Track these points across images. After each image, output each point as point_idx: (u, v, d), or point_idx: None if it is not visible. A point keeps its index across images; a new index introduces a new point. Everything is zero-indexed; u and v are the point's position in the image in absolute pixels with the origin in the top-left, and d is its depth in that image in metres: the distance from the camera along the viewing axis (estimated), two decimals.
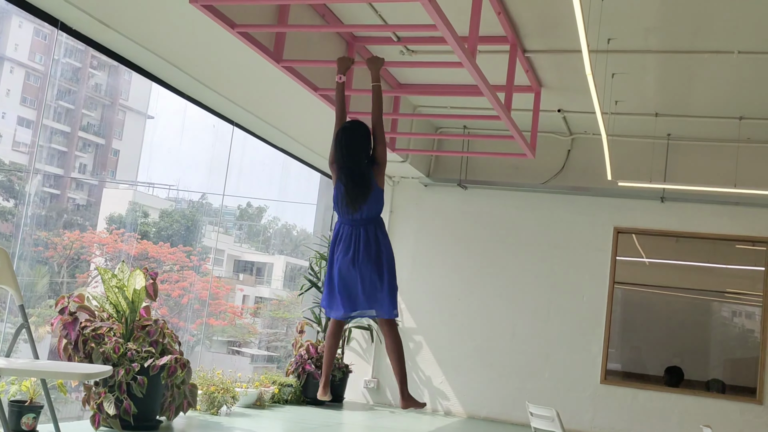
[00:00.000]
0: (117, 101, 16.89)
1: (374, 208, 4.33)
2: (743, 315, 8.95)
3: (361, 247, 4.28)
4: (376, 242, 4.32)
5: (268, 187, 16.34)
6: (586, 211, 9.05)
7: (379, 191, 4.34)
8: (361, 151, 4.37)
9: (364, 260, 4.26)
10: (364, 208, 4.29)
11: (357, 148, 4.37)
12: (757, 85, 6.85)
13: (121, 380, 5.42)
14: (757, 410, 8.25)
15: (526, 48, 6.54)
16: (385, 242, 4.38)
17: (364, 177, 4.31)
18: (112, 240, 13.79)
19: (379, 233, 4.35)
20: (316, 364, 8.52)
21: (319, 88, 6.25)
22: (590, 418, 8.68)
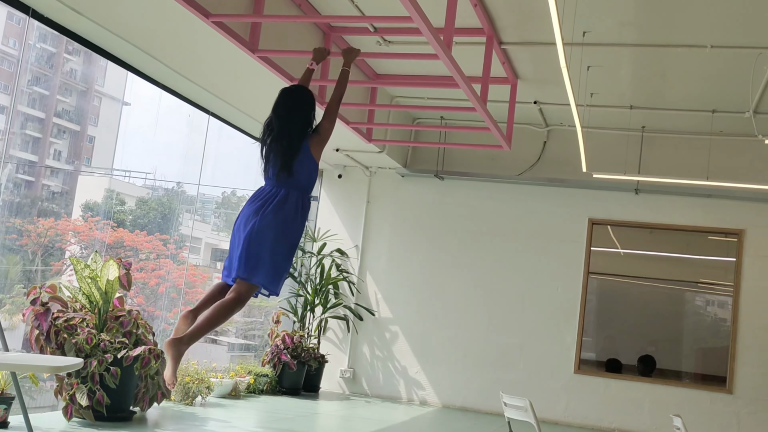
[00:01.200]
0: (92, 87, 16.71)
1: (301, 174, 3.95)
2: (715, 305, 9.08)
3: (274, 201, 3.86)
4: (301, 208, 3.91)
5: (245, 176, 16.27)
6: (562, 203, 9.12)
7: (311, 161, 4.00)
8: (295, 111, 4.08)
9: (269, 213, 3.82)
10: (287, 172, 3.92)
11: (291, 108, 4.08)
12: (729, 78, 6.92)
13: (93, 371, 5.39)
14: (726, 399, 8.39)
15: (503, 40, 6.56)
16: (303, 215, 3.93)
17: (292, 139, 4.00)
18: (87, 228, 13.68)
19: (305, 203, 3.94)
20: (291, 354, 8.53)
21: (295, 78, 6.22)
22: (563, 407, 8.77)
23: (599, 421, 8.67)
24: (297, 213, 3.91)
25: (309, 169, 3.99)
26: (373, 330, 9.47)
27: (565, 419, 8.74)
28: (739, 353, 8.45)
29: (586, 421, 8.70)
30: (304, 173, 3.97)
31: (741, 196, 8.47)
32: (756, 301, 8.49)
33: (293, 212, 3.89)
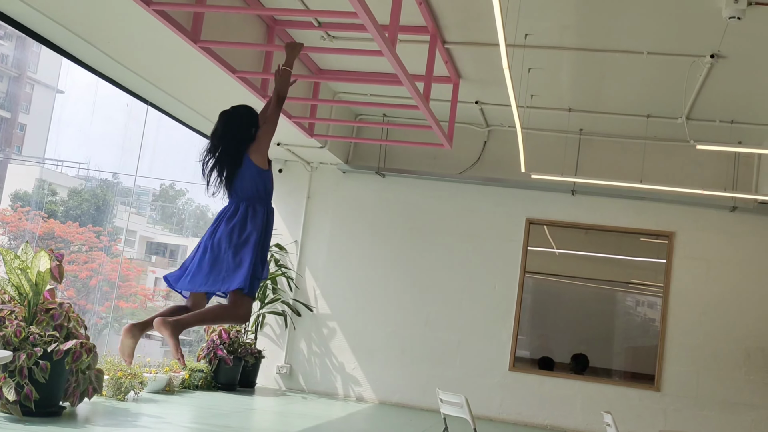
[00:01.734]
0: (24, 74, 16.21)
1: (243, 185, 4.03)
2: (645, 305, 9.33)
3: (225, 217, 4.00)
4: (252, 218, 4.00)
5: (183, 168, 16.03)
6: (500, 202, 9.24)
7: (253, 169, 4.03)
8: (229, 128, 4.12)
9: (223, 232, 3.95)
10: (229, 187, 4.02)
11: (226, 124, 4.14)
12: (663, 84, 7.11)
13: (22, 365, 5.23)
14: (654, 397, 8.64)
15: (446, 39, 6.61)
16: (253, 221, 4.01)
17: (227, 154, 4.06)
18: (16, 218, 13.26)
19: (258, 210, 4.04)
20: (228, 349, 8.43)
21: (237, 71, 6.15)
22: (498, 404, 8.90)
23: (533, 418, 8.82)
24: (246, 221, 3.98)
25: (251, 178, 4.02)
26: (311, 326, 9.44)
27: (500, 416, 8.87)
28: (667, 352, 8.71)
29: (521, 418, 8.84)
30: (246, 183, 4.02)
31: (672, 200, 8.73)
32: (684, 301, 8.76)
33: (241, 221, 3.97)
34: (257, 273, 3.95)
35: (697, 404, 8.54)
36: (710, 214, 8.80)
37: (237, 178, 4.02)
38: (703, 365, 8.60)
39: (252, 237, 3.95)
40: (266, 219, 4.06)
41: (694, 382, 8.59)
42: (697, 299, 8.73)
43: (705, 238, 8.81)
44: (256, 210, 4.02)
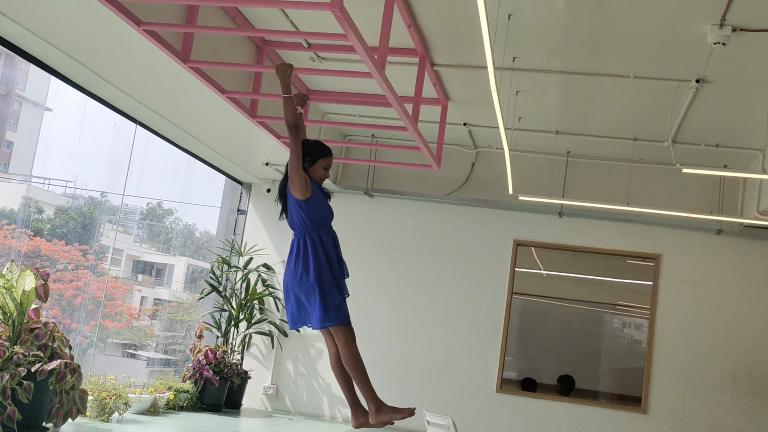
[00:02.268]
0: (12, 91, 16.14)
1: (292, 218, 4.50)
2: (632, 326, 9.35)
3: (292, 256, 4.45)
4: (304, 251, 4.44)
5: (172, 187, 15.98)
6: (488, 223, 9.27)
7: (292, 201, 4.48)
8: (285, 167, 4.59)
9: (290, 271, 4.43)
10: (288, 220, 4.55)
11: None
12: (650, 108, 7.18)
13: (5, 385, 5.17)
14: (641, 419, 8.63)
15: (435, 61, 6.65)
16: (308, 255, 4.43)
17: (280, 192, 4.65)
18: (2, 236, 13.16)
19: (308, 241, 4.45)
20: (214, 370, 8.37)
21: (226, 91, 6.17)
22: (485, 426, 8.87)
23: None
24: (302, 256, 4.41)
25: (295, 210, 4.48)
26: (297, 346, 9.39)
27: None
28: (653, 374, 8.72)
29: None
30: (294, 215, 4.49)
31: (659, 222, 8.78)
32: (671, 323, 8.78)
33: (300, 258, 4.42)
34: (333, 301, 4.38)
35: (683, 427, 8.54)
36: (696, 237, 8.85)
37: (288, 212, 4.53)
38: (690, 387, 8.61)
39: (312, 275, 4.36)
40: (320, 245, 4.46)
41: (681, 404, 8.59)
42: (683, 321, 8.76)
43: (691, 260, 8.85)
44: (307, 241, 4.43)
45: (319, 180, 4.56)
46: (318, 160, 4.53)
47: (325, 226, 4.55)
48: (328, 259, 4.44)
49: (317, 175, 4.54)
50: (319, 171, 4.54)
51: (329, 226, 4.58)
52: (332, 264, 4.46)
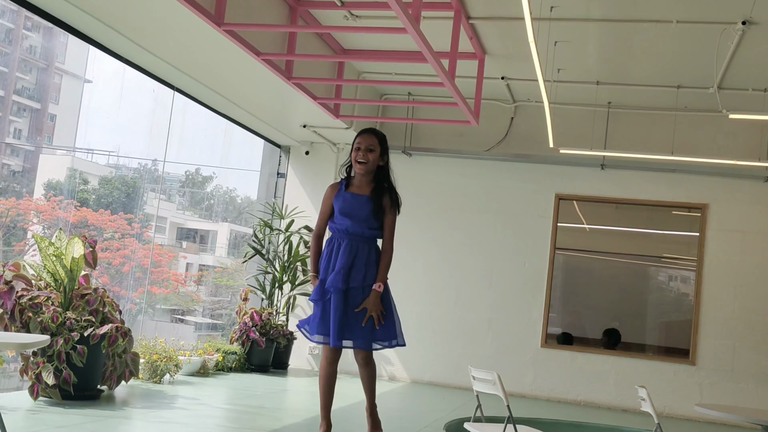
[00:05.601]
0: (53, 64, 16.36)
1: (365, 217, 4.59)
2: (679, 279, 9.23)
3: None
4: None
5: (211, 153, 16.12)
6: (529, 178, 9.17)
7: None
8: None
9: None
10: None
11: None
12: (694, 54, 6.99)
13: (60, 350, 5.32)
14: (689, 370, 8.56)
15: (470, 15, 6.54)
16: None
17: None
18: (50, 207, 13.46)
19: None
20: (260, 331, 8.50)
21: (261, 53, 6.15)
22: (531, 381, 8.88)
23: (566, 394, 8.80)
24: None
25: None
26: None
27: (533, 392, 8.85)
28: (701, 326, 8.61)
29: (553, 394, 8.82)
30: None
31: (705, 171, 8.60)
32: (718, 274, 8.65)
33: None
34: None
35: (733, 377, 8.45)
36: (743, 185, 8.66)
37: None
38: (739, 338, 8.50)
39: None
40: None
41: (730, 355, 8.49)
42: (731, 271, 8.61)
43: (738, 209, 8.67)
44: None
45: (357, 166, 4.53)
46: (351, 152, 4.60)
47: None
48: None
49: (354, 159, 4.56)
50: (352, 155, 4.57)
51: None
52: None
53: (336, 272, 4.43)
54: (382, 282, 4.50)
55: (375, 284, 4.46)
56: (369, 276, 4.46)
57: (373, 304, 4.44)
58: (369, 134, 4.60)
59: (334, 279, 4.43)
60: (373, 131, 4.64)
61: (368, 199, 4.50)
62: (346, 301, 4.44)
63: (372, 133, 4.63)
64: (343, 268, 4.43)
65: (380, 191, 4.52)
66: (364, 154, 4.52)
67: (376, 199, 4.49)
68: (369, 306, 4.43)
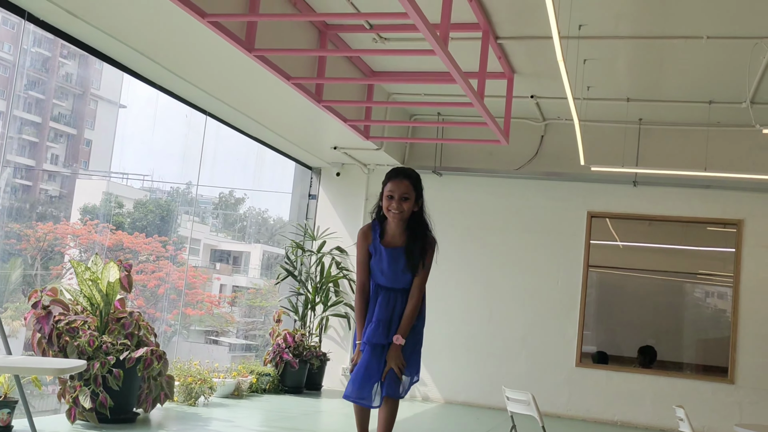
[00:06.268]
0: (88, 90, 16.70)
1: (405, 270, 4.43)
2: (715, 296, 9.08)
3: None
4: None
5: (243, 176, 16.30)
6: (560, 196, 9.13)
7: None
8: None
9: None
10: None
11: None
12: (725, 69, 6.92)
13: (96, 373, 5.39)
14: (728, 389, 8.40)
15: (498, 35, 6.56)
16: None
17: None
18: (86, 231, 13.69)
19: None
20: (293, 353, 8.53)
21: (291, 77, 6.23)
22: (566, 401, 8.79)
23: (602, 414, 8.68)
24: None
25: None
26: None
27: (568, 412, 8.75)
28: (740, 343, 8.46)
29: (589, 414, 8.71)
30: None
31: (739, 186, 8.49)
32: (756, 291, 8.50)
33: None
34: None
35: None
36: None
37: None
38: None
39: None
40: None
41: None
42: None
43: None
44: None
45: (389, 215, 4.22)
46: (381, 196, 4.31)
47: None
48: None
49: (385, 208, 4.25)
50: (384, 203, 4.26)
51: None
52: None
53: (375, 324, 4.23)
54: (402, 335, 4.23)
55: (395, 336, 4.23)
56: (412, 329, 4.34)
57: (393, 358, 4.24)
58: (402, 179, 4.21)
59: (372, 332, 4.23)
60: (405, 174, 4.25)
61: (403, 252, 4.24)
62: (381, 355, 4.26)
63: (404, 177, 4.23)
64: (382, 321, 4.23)
65: (416, 240, 4.25)
66: (398, 204, 4.17)
67: (410, 253, 4.23)
68: (390, 360, 4.24)
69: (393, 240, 4.29)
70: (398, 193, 4.19)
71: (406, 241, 4.27)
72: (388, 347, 4.24)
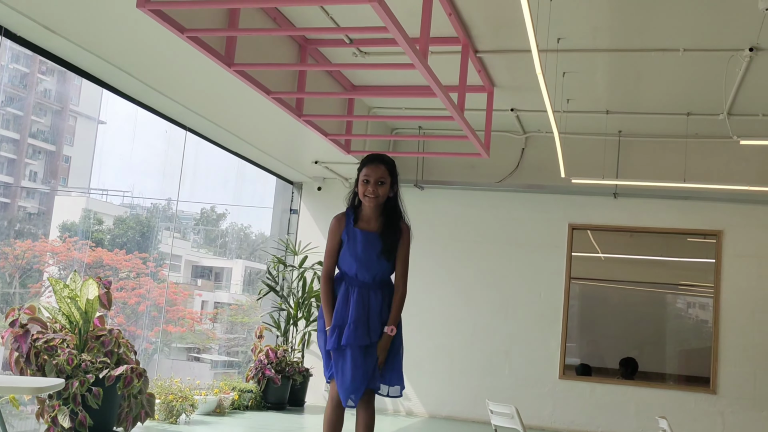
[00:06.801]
0: (67, 107, 16.58)
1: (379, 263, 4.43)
2: (697, 306, 9.14)
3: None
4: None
5: (224, 191, 16.23)
6: (541, 209, 9.16)
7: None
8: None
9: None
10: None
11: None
12: (702, 81, 7.00)
13: (75, 392, 5.31)
14: (711, 399, 8.44)
15: (478, 48, 6.59)
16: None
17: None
18: (65, 248, 13.54)
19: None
20: (276, 369, 8.47)
21: (271, 92, 6.21)
22: (550, 413, 8.78)
23: (586, 426, 8.68)
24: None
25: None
26: None
27: (552, 425, 8.74)
28: (721, 353, 8.51)
29: (573, 426, 8.71)
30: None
31: (718, 197, 8.56)
32: (736, 301, 8.56)
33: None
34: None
35: (755, 405, 8.32)
36: (758, 210, 8.60)
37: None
38: (760, 365, 8.38)
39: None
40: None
41: (751, 382, 8.37)
42: (749, 297, 8.53)
43: (754, 234, 8.61)
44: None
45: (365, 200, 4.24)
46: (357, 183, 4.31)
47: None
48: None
49: (361, 193, 4.27)
50: (360, 188, 4.28)
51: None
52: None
53: (353, 326, 4.17)
54: (394, 325, 4.25)
55: (387, 327, 4.24)
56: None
57: (384, 349, 4.25)
58: (377, 164, 4.26)
59: (352, 335, 4.17)
60: (381, 159, 4.30)
61: (378, 237, 4.22)
62: (366, 354, 4.21)
63: (380, 161, 4.28)
64: (358, 321, 4.18)
65: (391, 226, 4.25)
66: (374, 188, 4.21)
67: (386, 238, 4.21)
68: (381, 351, 4.24)
69: (368, 225, 4.29)
70: (374, 178, 4.23)
71: (381, 227, 4.27)
72: (370, 348, 4.22)
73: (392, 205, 4.31)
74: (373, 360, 4.24)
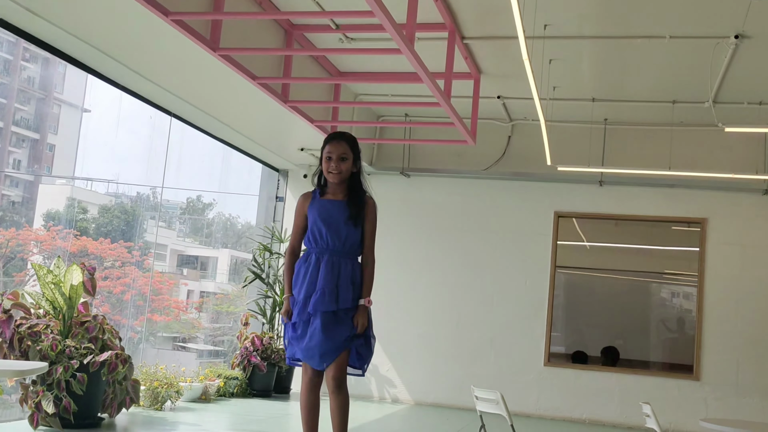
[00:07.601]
0: (51, 94, 16.44)
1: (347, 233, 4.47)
2: (681, 295, 9.20)
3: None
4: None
5: (209, 179, 16.14)
6: (527, 197, 9.18)
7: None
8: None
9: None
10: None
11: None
12: (688, 69, 7.02)
13: (59, 378, 5.28)
14: (694, 386, 8.51)
15: (465, 35, 6.58)
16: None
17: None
18: (50, 237, 13.44)
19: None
20: (261, 356, 8.46)
21: (257, 77, 6.18)
22: (535, 400, 8.82)
23: (570, 412, 8.73)
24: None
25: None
26: None
27: (537, 412, 8.79)
28: (704, 340, 8.57)
29: (558, 413, 8.76)
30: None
31: (703, 185, 8.61)
32: (720, 288, 8.62)
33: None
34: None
35: (738, 392, 8.39)
36: (742, 198, 8.66)
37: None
38: (742, 352, 8.45)
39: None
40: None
41: (734, 370, 8.44)
42: (733, 285, 8.59)
43: (738, 223, 8.67)
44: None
45: (329, 176, 4.32)
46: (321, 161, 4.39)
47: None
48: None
49: (325, 170, 4.35)
50: (324, 165, 4.35)
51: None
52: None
53: (320, 293, 4.21)
54: (368, 296, 4.36)
55: (363, 299, 4.33)
56: (358, 297, 4.33)
57: (361, 323, 4.30)
58: (339, 141, 4.33)
59: (319, 301, 4.20)
60: (342, 136, 4.37)
61: (345, 204, 4.32)
62: (335, 323, 4.23)
63: (342, 138, 4.35)
64: (327, 287, 4.22)
65: (356, 196, 4.35)
66: (337, 164, 4.29)
67: (352, 205, 4.31)
68: (358, 323, 4.29)
69: (334, 197, 4.41)
70: (336, 154, 4.32)
71: (346, 197, 4.39)
72: (338, 313, 4.25)
73: (356, 180, 4.42)
74: (344, 332, 4.26)
